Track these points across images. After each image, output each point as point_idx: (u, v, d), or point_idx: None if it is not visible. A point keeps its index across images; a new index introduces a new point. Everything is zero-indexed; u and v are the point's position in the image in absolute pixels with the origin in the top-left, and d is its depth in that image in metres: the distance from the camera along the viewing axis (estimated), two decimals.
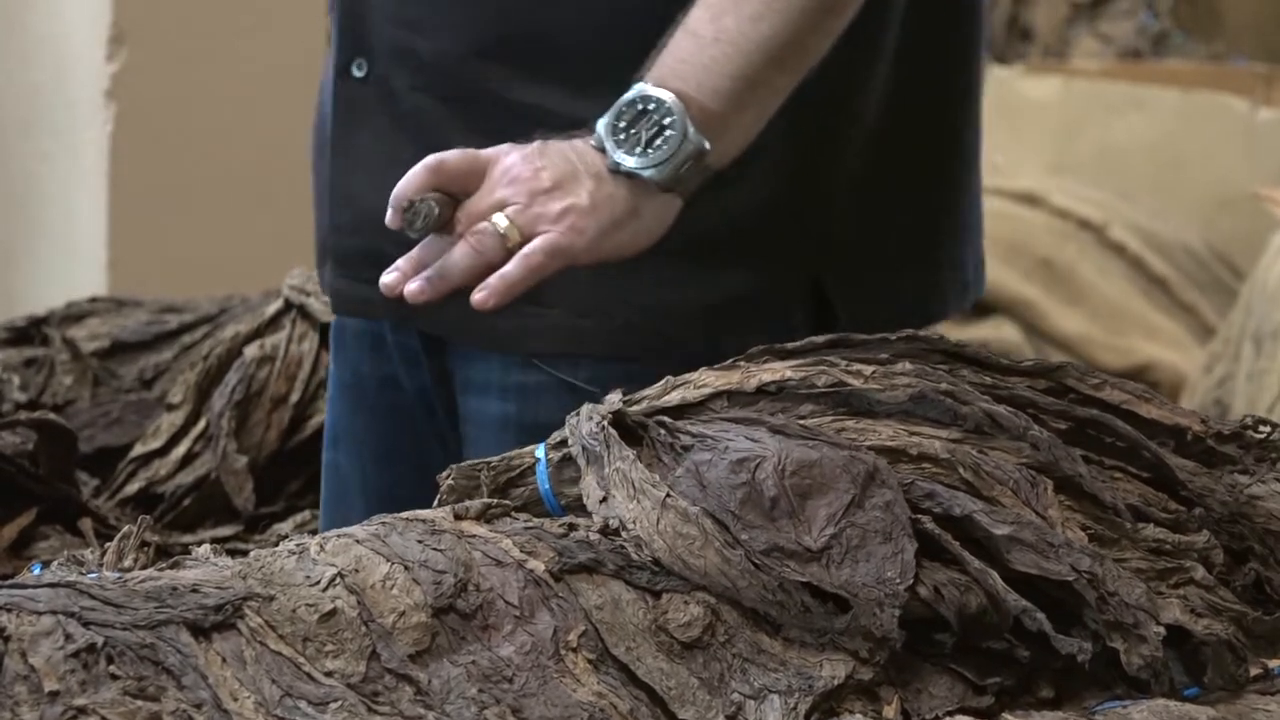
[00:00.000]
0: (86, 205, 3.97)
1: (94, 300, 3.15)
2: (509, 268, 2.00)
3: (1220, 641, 1.67)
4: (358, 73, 2.33)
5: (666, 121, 2.05)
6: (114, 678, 1.49)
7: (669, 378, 1.77)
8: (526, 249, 2.01)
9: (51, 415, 2.82)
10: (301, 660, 1.53)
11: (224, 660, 1.51)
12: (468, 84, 2.28)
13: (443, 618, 1.56)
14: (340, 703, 1.51)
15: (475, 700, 1.53)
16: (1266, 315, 3.63)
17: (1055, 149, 4.79)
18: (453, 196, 2.05)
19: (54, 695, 1.47)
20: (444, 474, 1.76)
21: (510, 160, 2.05)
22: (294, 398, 2.87)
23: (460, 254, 2.01)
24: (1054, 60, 6.16)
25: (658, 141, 2.04)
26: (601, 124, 2.06)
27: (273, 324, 2.91)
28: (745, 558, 1.60)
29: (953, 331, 2.62)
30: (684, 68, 2.07)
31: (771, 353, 1.78)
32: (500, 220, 2.01)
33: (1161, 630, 1.64)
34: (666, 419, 1.70)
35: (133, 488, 2.82)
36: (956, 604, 1.60)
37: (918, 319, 2.35)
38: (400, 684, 1.53)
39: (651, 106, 2.05)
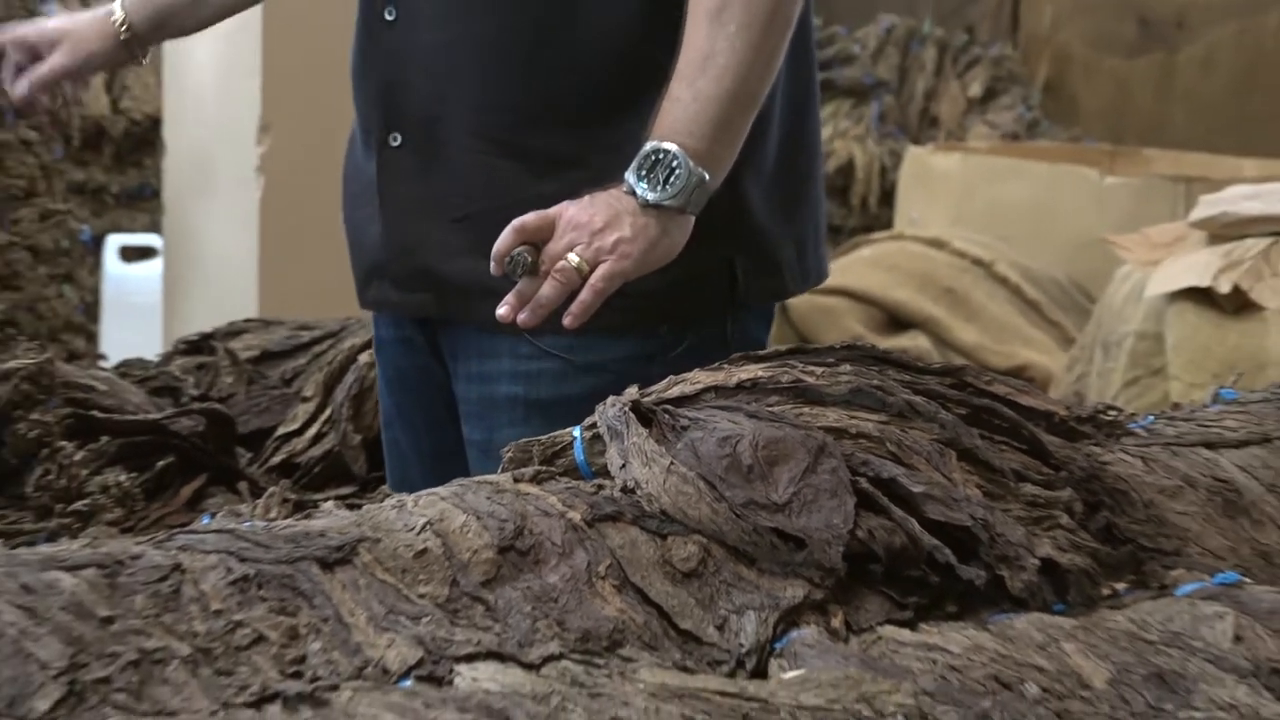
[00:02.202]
0: (242, 252, 3.98)
1: (248, 321, 3.15)
2: (583, 295, 2.05)
3: (1080, 570, 1.66)
4: (394, 143, 2.31)
5: (674, 165, 2.08)
6: (262, 599, 1.48)
7: (671, 376, 1.76)
8: (593, 279, 2.05)
9: (217, 406, 2.81)
10: (401, 586, 1.52)
11: (344, 586, 1.51)
12: (486, 141, 2.27)
13: (505, 554, 1.56)
14: (430, 617, 1.50)
15: (529, 615, 1.52)
16: (1112, 329, 3.62)
17: (955, 207, 4.78)
18: (533, 245, 2.07)
19: (218, 613, 1.46)
20: (505, 449, 1.75)
21: (570, 212, 2.08)
22: None
23: (550, 288, 2.05)
24: (954, 141, 6.15)
25: (672, 179, 2.08)
26: (629, 174, 2.09)
27: None
28: (729, 509, 1.59)
29: (879, 342, 2.60)
30: (677, 124, 2.10)
31: (747, 358, 1.78)
32: (573, 258, 2.05)
33: (1036, 562, 1.63)
34: (670, 407, 1.69)
35: (277, 459, 2.81)
36: (885, 543, 1.60)
37: (785, 295, 2.44)
38: (474, 604, 1.52)
39: (662, 156, 2.08)
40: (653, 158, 2.10)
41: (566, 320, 2.06)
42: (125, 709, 1.36)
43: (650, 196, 2.09)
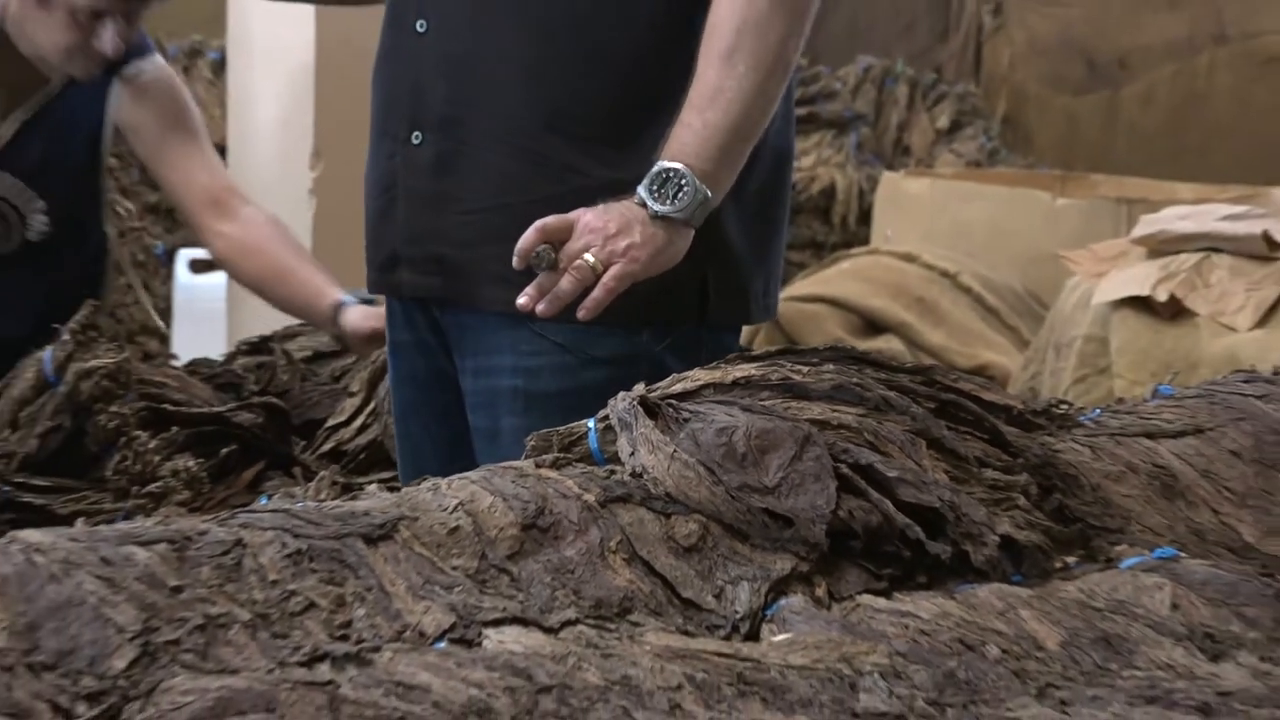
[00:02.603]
0: None
1: (301, 325, 3.14)
2: (596, 292, 2.08)
3: (1035, 546, 1.66)
4: (415, 141, 2.30)
5: (683, 183, 2.11)
6: (313, 571, 1.48)
7: (674, 375, 1.76)
8: (605, 277, 2.07)
9: (274, 400, 2.81)
10: (436, 559, 1.52)
11: (385, 559, 1.50)
12: (500, 144, 2.26)
13: (527, 531, 1.55)
14: (461, 587, 1.50)
15: (549, 585, 1.52)
16: (1062, 333, 3.61)
17: (925, 225, 4.78)
18: (552, 244, 2.08)
19: (275, 582, 1.46)
20: (529, 438, 1.75)
21: (588, 218, 2.10)
22: None
23: (568, 283, 2.07)
24: (924, 167, 6.14)
25: (679, 196, 2.11)
26: (641, 189, 2.11)
27: None
28: (725, 491, 1.59)
29: (858, 344, 2.59)
30: (686, 148, 2.13)
31: (741, 358, 1.77)
32: (589, 258, 2.07)
33: (996, 538, 1.63)
34: (673, 401, 1.69)
35: (327, 447, 2.80)
36: (863, 521, 1.59)
37: (749, 321, 2.44)
38: (500, 575, 1.52)
39: (672, 175, 2.11)
40: (663, 175, 2.12)
41: (581, 313, 2.08)
42: (192, 667, 1.36)
43: (659, 209, 2.10)
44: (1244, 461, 1.88)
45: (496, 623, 1.47)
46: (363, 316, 2.82)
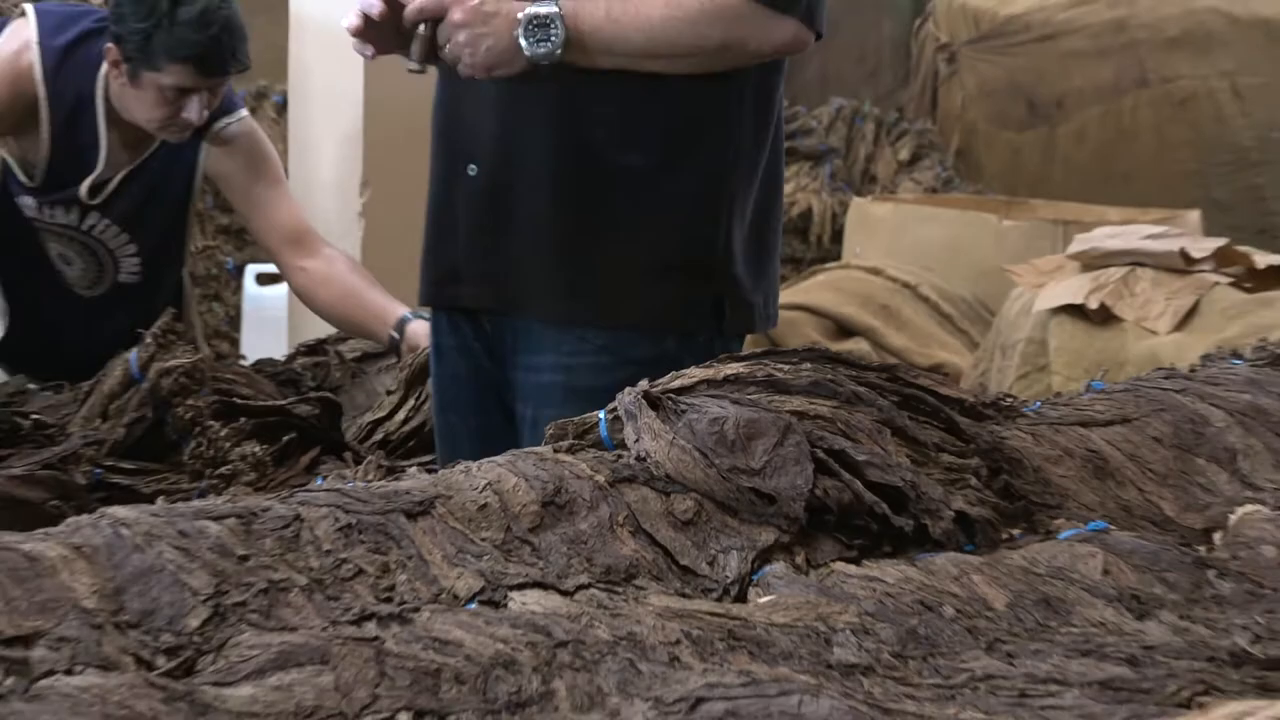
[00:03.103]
0: None
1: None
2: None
3: (985, 520, 1.65)
4: (470, 172, 2.25)
5: (554, 36, 2.07)
6: (362, 542, 1.47)
7: (673, 372, 1.75)
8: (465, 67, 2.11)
9: (328, 394, 2.80)
10: (467, 532, 1.52)
11: (424, 532, 1.50)
12: (543, 176, 2.22)
13: (546, 508, 1.55)
14: (489, 556, 1.50)
15: (565, 554, 1.52)
16: (1007, 336, 3.61)
17: (889, 244, 4.77)
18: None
19: (328, 552, 1.45)
20: (548, 426, 1.74)
21: (458, 17, 2.08)
22: None
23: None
24: (888, 194, 6.14)
25: (544, 44, 2.07)
26: (521, 22, 2.07)
27: None
28: (717, 473, 1.59)
29: (831, 346, 2.58)
30: (581, 14, 2.08)
31: (731, 357, 1.77)
32: (452, 49, 2.11)
33: (951, 513, 1.62)
34: (672, 395, 1.68)
35: (377, 436, 2.80)
36: (836, 499, 1.59)
37: (752, 330, 2.37)
38: (523, 545, 1.52)
39: (552, 25, 2.06)
40: (544, 21, 2.06)
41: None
42: (257, 625, 1.36)
43: (525, 47, 2.07)
44: (1165, 446, 1.88)
45: (520, 587, 1.47)
46: (423, 329, 2.82)
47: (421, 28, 2.13)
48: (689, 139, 2.20)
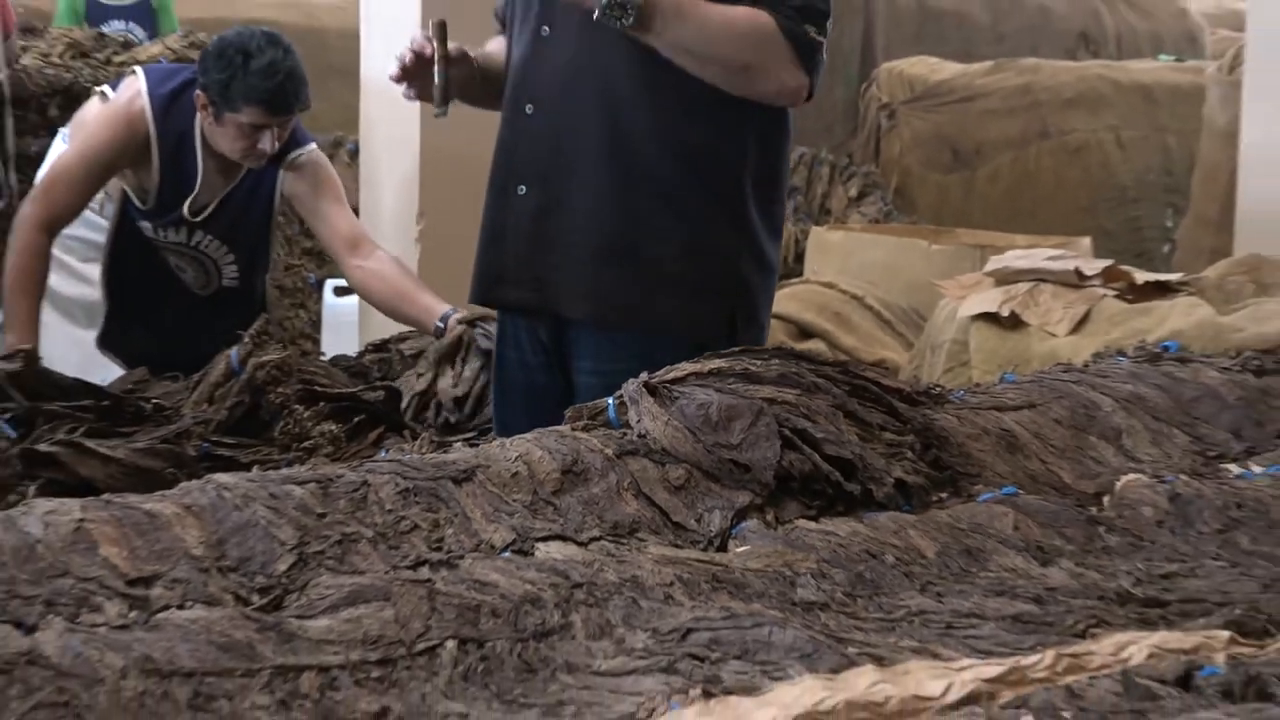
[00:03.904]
0: None
1: (410, 333, 3.13)
2: None
3: (919, 486, 1.65)
4: (520, 192, 2.18)
5: (630, 6, 1.94)
6: (417, 502, 1.47)
7: (668, 366, 1.74)
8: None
9: (391, 384, 2.79)
10: (502, 495, 1.51)
11: (467, 495, 1.50)
12: (581, 196, 2.13)
13: (565, 475, 1.54)
14: (519, 514, 1.49)
15: (580, 512, 1.51)
16: (936, 337, 3.60)
17: (841, 264, 4.76)
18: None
19: (390, 511, 1.45)
20: (567, 411, 1.74)
21: None
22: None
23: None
24: (840, 224, 6.12)
25: (625, 10, 1.95)
26: None
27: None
28: (703, 447, 1.58)
29: (795, 345, 2.55)
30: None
31: (715, 355, 1.75)
32: None
33: (892, 480, 1.62)
34: (667, 384, 1.67)
35: (439, 421, 2.76)
36: (799, 469, 1.59)
37: (760, 342, 2.24)
38: (547, 506, 1.51)
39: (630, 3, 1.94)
40: (622, 4, 1.94)
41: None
42: (332, 570, 1.35)
43: (598, 14, 1.95)
44: (1063, 427, 1.87)
45: (544, 539, 1.46)
46: (458, 321, 2.82)
47: (438, 77, 2.10)
48: (711, 176, 2.12)
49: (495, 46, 2.30)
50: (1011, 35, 7.52)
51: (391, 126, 4.02)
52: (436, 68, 2.11)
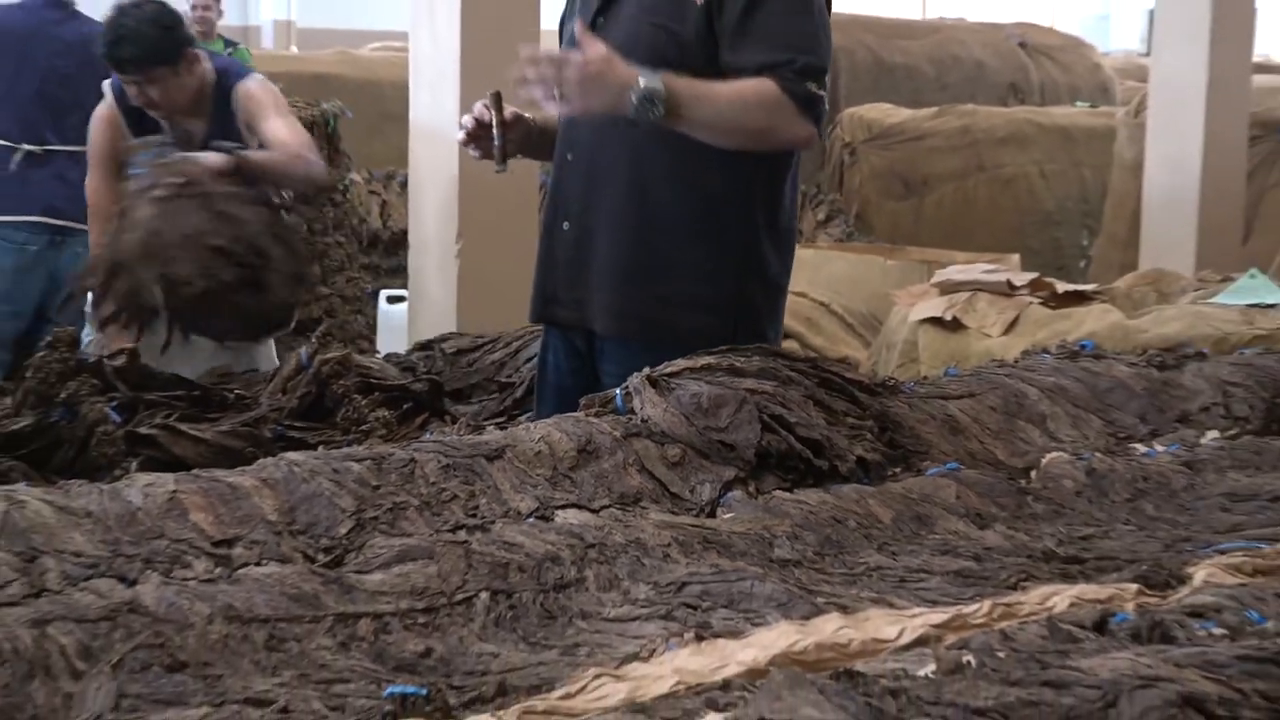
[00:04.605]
0: (447, 301, 3.96)
1: (451, 334, 3.11)
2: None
3: (876, 462, 1.64)
4: (564, 228, 2.12)
5: (657, 100, 1.87)
6: (456, 476, 1.46)
7: (666, 363, 1.73)
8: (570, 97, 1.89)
9: (435, 377, 2.78)
10: (527, 470, 1.50)
11: (498, 470, 1.49)
12: (613, 231, 2.08)
13: (580, 453, 1.53)
14: (542, 485, 1.48)
15: (592, 485, 1.50)
16: (890, 338, 3.59)
17: (810, 277, 4.73)
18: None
19: (433, 483, 1.44)
20: (581, 400, 1.73)
21: (581, 65, 1.88)
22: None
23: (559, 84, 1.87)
24: (810, 243, 6.11)
25: (651, 105, 1.87)
26: (635, 89, 1.86)
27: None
28: (696, 430, 1.57)
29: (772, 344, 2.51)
30: (680, 84, 1.90)
31: (706, 353, 1.74)
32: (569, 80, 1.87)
33: (854, 458, 1.61)
34: (666, 377, 1.67)
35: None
36: (776, 448, 1.58)
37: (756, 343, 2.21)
38: (564, 479, 1.50)
39: (656, 94, 1.87)
40: (651, 96, 1.87)
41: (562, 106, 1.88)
42: (385, 533, 1.35)
43: (634, 111, 1.87)
44: (997, 413, 1.86)
45: (562, 507, 1.45)
46: None
47: (496, 140, 2.05)
48: (723, 210, 2.07)
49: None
50: (953, 85, 7.50)
51: (435, 163, 4.00)
52: (495, 132, 2.07)
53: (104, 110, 3.05)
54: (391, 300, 4.71)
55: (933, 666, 1.04)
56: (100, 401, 2.24)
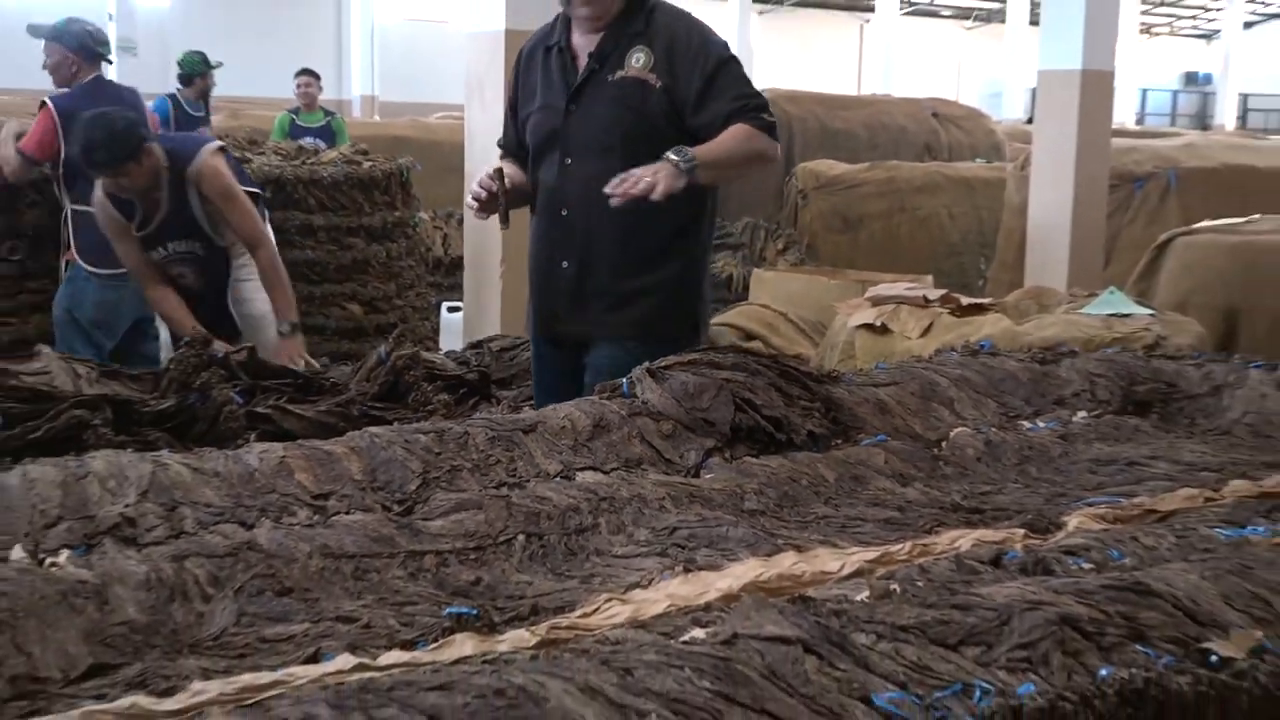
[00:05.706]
0: (491, 309, 3.96)
1: (495, 336, 3.09)
2: (650, 191, 1.90)
3: (823, 435, 1.63)
4: (564, 266, 2.13)
5: (691, 160, 1.93)
6: (499, 445, 1.44)
7: (661, 358, 1.71)
8: (655, 192, 1.91)
9: (484, 369, 2.77)
10: (554, 440, 1.49)
11: (532, 440, 1.48)
12: (608, 267, 2.08)
13: (595, 428, 1.52)
14: (565, 453, 1.47)
15: (604, 452, 1.49)
16: (833, 340, 3.58)
17: (772, 292, 4.72)
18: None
19: (483, 451, 1.43)
20: (596, 386, 1.71)
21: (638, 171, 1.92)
22: None
23: (639, 187, 1.91)
24: (771, 267, 6.08)
25: (687, 160, 1.93)
26: (671, 154, 1.93)
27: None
28: (684, 410, 1.56)
29: (742, 345, 2.50)
30: (699, 149, 1.96)
31: (691, 351, 1.73)
32: (648, 179, 1.91)
33: (806, 432, 1.60)
34: (661, 369, 1.66)
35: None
36: (746, 424, 1.57)
37: (704, 343, 2.15)
38: (583, 447, 1.49)
39: (687, 154, 1.93)
40: (684, 151, 1.93)
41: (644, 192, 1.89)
42: (445, 489, 1.34)
43: (681, 176, 1.91)
44: (917, 398, 1.85)
45: (581, 469, 1.45)
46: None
47: (500, 206, 2.05)
48: (677, 244, 2.11)
49: (511, 169, 2.19)
50: (881, 146, 7.51)
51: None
52: (500, 199, 2.08)
53: (98, 195, 3.00)
54: (451, 309, 4.69)
55: (867, 593, 1.03)
56: (227, 387, 2.23)
